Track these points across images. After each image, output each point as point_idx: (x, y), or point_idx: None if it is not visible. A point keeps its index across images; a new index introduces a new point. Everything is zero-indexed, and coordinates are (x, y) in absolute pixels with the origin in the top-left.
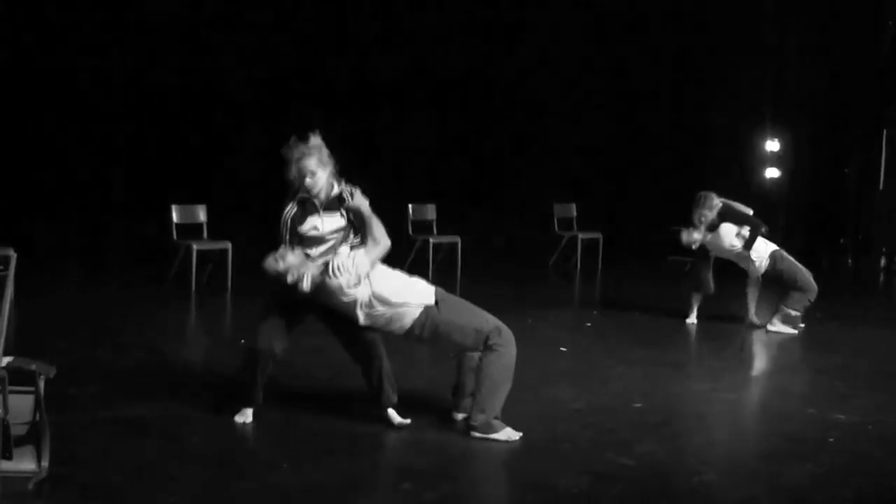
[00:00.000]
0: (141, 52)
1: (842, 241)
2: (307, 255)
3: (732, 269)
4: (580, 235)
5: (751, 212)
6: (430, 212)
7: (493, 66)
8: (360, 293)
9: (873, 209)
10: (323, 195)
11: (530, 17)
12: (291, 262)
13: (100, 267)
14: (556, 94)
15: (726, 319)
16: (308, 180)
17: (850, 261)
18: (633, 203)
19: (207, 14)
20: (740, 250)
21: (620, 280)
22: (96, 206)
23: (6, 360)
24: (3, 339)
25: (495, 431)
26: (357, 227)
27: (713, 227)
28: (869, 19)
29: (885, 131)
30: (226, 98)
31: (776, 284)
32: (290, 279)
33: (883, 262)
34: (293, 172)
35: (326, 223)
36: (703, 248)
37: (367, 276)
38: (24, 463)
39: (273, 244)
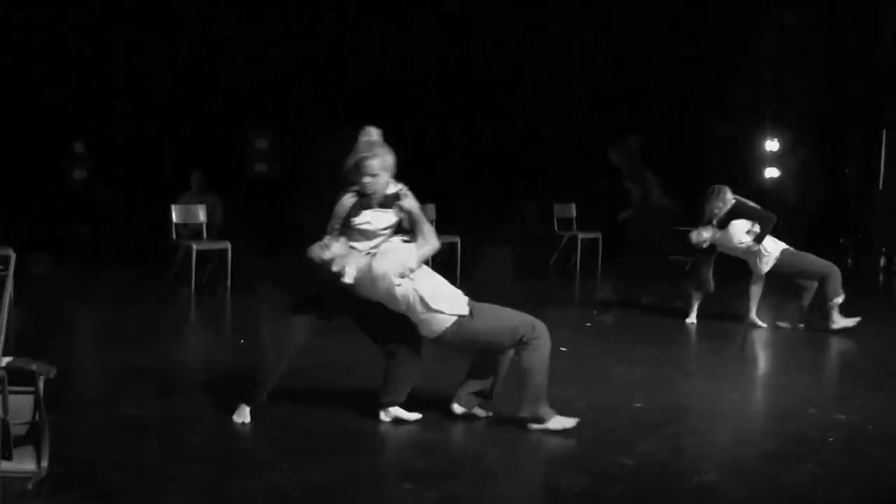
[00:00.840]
0: (141, 52)
1: (842, 241)
2: (353, 248)
3: (733, 268)
4: (580, 235)
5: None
6: (431, 212)
7: (492, 65)
8: (405, 286)
9: (873, 209)
10: (380, 193)
11: (531, 17)
12: (337, 252)
13: (100, 267)
14: (556, 94)
15: (727, 318)
16: (367, 179)
17: (850, 261)
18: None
19: (208, 14)
20: (750, 244)
21: (620, 280)
22: (96, 206)
23: (6, 360)
24: (2, 339)
25: (549, 419)
26: (405, 227)
27: (722, 225)
28: (869, 19)
29: (884, 131)
30: (226, 98)
31: (795, 284)
32: (334, 268)
33: (883, 262)
34: (351, 166)
35: (380, 219)
36: (709, 245)
37: (413, 271)
38: (24, 463)
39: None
